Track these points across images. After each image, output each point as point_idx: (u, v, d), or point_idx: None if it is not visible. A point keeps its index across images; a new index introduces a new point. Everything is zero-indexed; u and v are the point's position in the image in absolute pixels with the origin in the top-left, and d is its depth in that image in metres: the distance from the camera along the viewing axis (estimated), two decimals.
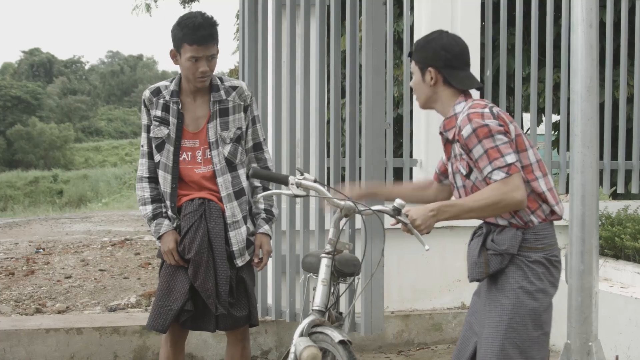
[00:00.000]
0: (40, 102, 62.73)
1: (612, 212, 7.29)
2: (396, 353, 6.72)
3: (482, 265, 3.73)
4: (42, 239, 11.96)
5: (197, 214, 4.43)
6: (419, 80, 3.79)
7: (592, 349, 4.75)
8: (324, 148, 6.18)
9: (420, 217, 3.54)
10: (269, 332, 6.36)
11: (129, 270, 8.99)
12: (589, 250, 4.65)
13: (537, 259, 3.72)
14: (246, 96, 4.53)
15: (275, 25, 6.33)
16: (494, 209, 3.58)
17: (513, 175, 3.55)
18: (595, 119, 4.52)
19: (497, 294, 3.72)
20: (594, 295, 4.80)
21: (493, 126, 3.58)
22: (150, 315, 4.51)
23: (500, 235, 3.72)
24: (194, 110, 4.49)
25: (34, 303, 7.30)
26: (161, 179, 4.49)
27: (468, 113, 3.62)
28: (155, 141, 4.48)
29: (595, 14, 4.54)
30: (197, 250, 4.38)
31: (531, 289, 3.70)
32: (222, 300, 4.41)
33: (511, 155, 3.57)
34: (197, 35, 4.30)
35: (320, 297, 3.84)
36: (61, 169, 50.73)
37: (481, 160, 3.58)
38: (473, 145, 3.58)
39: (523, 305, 3.68)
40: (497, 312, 3.69)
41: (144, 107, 4.54)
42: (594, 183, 4.61)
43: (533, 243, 3.73)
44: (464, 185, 3.77)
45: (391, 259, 6.72)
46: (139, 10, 20.53)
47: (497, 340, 3.66)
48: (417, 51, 3.79)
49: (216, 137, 4.45)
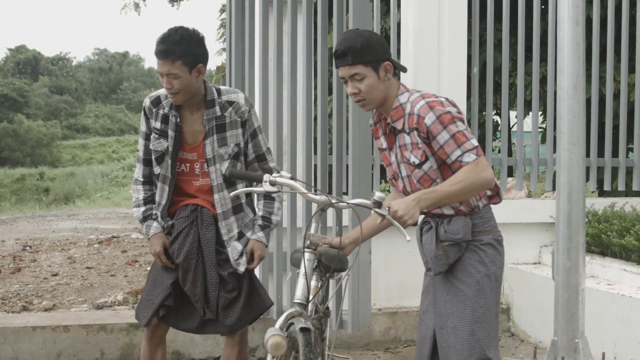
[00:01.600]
0: (26, 100, 62.51)
1: (599, 209, 7.31)
2: (383, 350, 6.72)
3: (442, 257, 3.79)
4: (28, 237, 11.93)
5: (189, 220, 4.43)
6: (375, 80, 3.73)
7: (579, 346, 4.77)
8: (311, 145, 6.17)
9: (401, 208, 3.53)
10: (256, 330, 6.35)
11: (116, 267, 8.97)
12: (575, 247, 4.66)
13: (488, 241, 3.83)
14: (243, 112, 4.45)
15: (262, 22, 6.31)
16: (470, 190, 3.63)
17: (481, 156, 3.64)
18: (582, 116, 4.54)
19: (456, 282, 3.79)
20: (580, 292, 4.82)
21: (454, 113, 3.66)
22: (138, 306, 4.58)
23: (450, 225, 3.79)
24: (191, 124, 4.44)
25: (20, 301, 7.28)
26: (159, 190, 4.49)
27: (428, 101, 3.67)
28: (156, 154, 4.45)
29: (581, 12, 4.55)
30: (185, 255, 4.39)
31: (487, 272, 3.80)
32: (211, 306, 4.43)
33: (474, 139, 3.67)
34: (157, 49, 4.25)
35: (300, 290, 3.85)
36: (48, 166, 50.52)
37: (447, 146, 3.62)
38: (438, 132, 3.62)
39: (483, 289, 3.78)
40: (461, 300, 3.77)
41: (143, 115, 4.50)
42: (581, 180, 4.63)
43: (481, 227, 3.83)
44: (409, 175, 3.81)
45: (378, 257, 6.72)
46: (128, 9, 20.48)
47: (466, 327, 3.74)
48: (363, 53, 3.70)
49: (213, 153, 4.41)
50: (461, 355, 3.73)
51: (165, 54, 4.20)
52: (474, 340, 3.72)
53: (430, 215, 3.87)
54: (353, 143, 5.77)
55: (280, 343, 3.55)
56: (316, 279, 3.97)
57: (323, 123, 6.09)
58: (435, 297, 3.89)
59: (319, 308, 4.04)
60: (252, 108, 4.53)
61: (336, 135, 6.03)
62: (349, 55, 3.69)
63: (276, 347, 3.55)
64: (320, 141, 6.11)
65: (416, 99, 3.72)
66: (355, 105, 5.72)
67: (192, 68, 4.25)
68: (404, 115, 3.74)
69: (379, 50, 3.72)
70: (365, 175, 5.78)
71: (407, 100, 3.75)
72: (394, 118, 3.78)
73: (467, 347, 3.72)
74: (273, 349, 3.54)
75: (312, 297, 3.90)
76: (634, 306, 5.69)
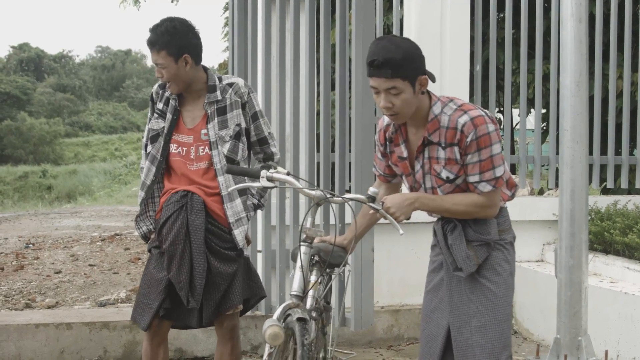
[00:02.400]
0: (29, 97, 62.51)
1: (602, 207, 7.30)
2: (386, 348, 6.72)
3: (473, 258, 3.76)
4: (31, 234, 11.93)
5: (178, 205, 4.43)
6: (411, 95, 3.55)
7: (582, 344, 4.76)
8: (313, 142, 6.17)
9: (395, 205, 3.58)
10: (259, 327, 6.35)
11: (119, 265, 8.97)
12: (578, 245, 4.66)
13: (510, 240, 3.87)
14: (243, 92, 4.51)
15: (265, 19, 6.31)
16: (468, 216, 3.71)
17: (497, 189, 3.66)
18: (585, 114, 4.53)
19: (484, 281, 3.79)
20: (583, 290, 4.82)
21: (493, 134, 3.59)
22: (134, 308, 4.57)
23: (478, 225, 3.77)
24: (192, 108, 4.51)
25: (23, 298, 7.28)
26: (146, 169, 4.55)
27: (472, 118, 3.56)
28: (152, 132, 4.52)
29: (584, 9, 4.55)
30: (171, 241, 4.38)
31: (511, 270, 3.84)
32: (196, 294, 4.39)
33: (501, 167, 3.64)
34: (149, 38, 4.37)
35: (297, 282, 3.89)
36: (50, 164, 50.52)
37: (472, 167, 3.62)
38: (471, 151, 3.59)
39: (509, 287, 3.82)
40: (490, 299, 3.76)
41: (150, 100, 4.61)
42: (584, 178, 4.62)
43: (503, 226, 3.84)
44: (434, 187, 3.77)
45: (381, 254, 6.72)
46: (127, 4, 20.44)
47: (497, 326, 3.75)
48: (403, 66, 3.49)
49: (216, 137, 4.45)
50: (492, 355, 3.72)
51: (151, 44, 4.36)
52: (504, 339, 3.75)
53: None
54: (356, 140, 5.76)
55: (277, 333, 3.59)
56: (316, 273, 4.04)
57: (326, 120, 6.09)
58: (452, 295, 3.86)
59: (318, 302, 4.06)
60: (253, 92, 4.59)
61: (339, 132, 6.03)
62: (388, 68, 3.48)
63: (274, 337, 3.59)
64: (323, 138, 6.11)
65: (456, 112, 3.60)
66: (357, 103, 5.72)
67: (178, 58, 4.35)
68: (440, 128, 3.63)
69: (419, 63, 3.56)
70: (367, 172, 5.77)
71: (441, 111, 3.63)
72: (430, 131, 3.65)
73: (498, 346, 3.73)
74: (271, 339, 3.59)
75: (310, 289, 3.93)
76: (637, 304, 5.68)
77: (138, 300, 4.53)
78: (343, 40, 6.01)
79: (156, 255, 4.51)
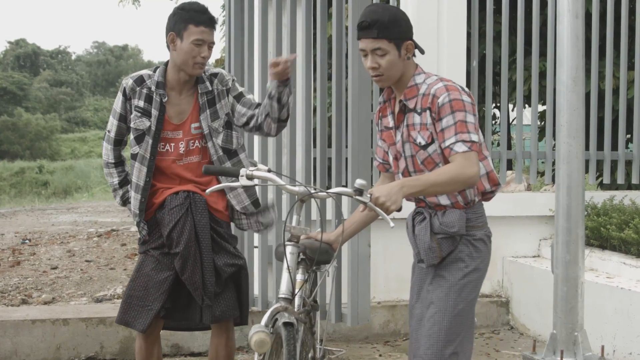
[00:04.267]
0: (26, 93, 62.43)
1: (598, 202, 7.31)
2: (383, 343, 6.73)
3: (436, 250, 3.76)
4: (28, 230, 11.92)
5: (184, 208, 4.42)
6: (396, 58, 3.67)
7: (578, 339, 4.78)
8: (310, 139, 6.17)
9: (383, 194, 3.48)
10: (255, 323, 6.34)
11: (115, 261, 8.97)
12: (574, 241, 4.67)
13: (480, 236, 3.81)
14: (227, 80, 4.54)
15: (262, 15, 6.31)
16: (454, 183, 3.57)
17: (473, 151, 3.59)
18: (581, 109, 4.54)
19: (443, 272, 3.78)
20: (579, 285, 4.83)
21: (468, 104, 3.63)
22: (124, 310, 4.52)
23: (445, 217, 3.76)
24: (178, 103, 4.48)
25: (20, 294, 7.27)
26: (136, 170, 4.49)
27: (446, 84, 3.65)
28: (136, 132, 4.47)
29: (581, 5, 4.55)
30: (185, 243, 4.38)
31: (476, 267, 3.78)
32: (208, 292, 4.43)
33: (476, 135, 3.62)
34: (205, 17, 4.36)
35: (285, 284, 3.80)
36: (47, 159, 50.45)
37: (448, 131, 3.59)
38: (445, 114, 3.60)
39: (469, 283, 3.76)
40: (444, 291, 3.75)
41: (122, 95, 4.52)
42: (580, 173, 4.63)
43: (475, 222, 3.80)
44: (413, 155, 3.77)
45: (377, 250, 6.72)
46: (126, 2, 20.45)
47: (447, 320, 3.71)
48: (389, 28, 3.64)
49: (209, 129, 4.45)
50: (434, 347, 3.69)
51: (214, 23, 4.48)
52: (452, 334, 3.69)
53: (424, 205, 3.84)
54: (352, 136, 5.76)
55: (264, 340, 3.50)
56: (302, 272, 3.93)
57: (322, 116, 6.09)
58: (420, 286, 3.89)
59: (306, 302, 4.01)
60: (235, 78, 4.62)
61: (335, 128, 6.03)
62: (375, 28, 3.63)
63: (260, 344, 3.51)
64: (320, 134, 6.11)
65: (434, 81, 3.70)
66: (354, 99, 5.72)
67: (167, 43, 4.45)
68: (418, 95, 3.70)
69: (405, 27, 3.68)
70: (365, 168, 5.77)
71: (423, 81, 3.73)
72: (408, 96, 3.74)
73: (442, 340, 3.69)
74: (257, 346, 3.51)
75: (298, 291, 3.86)
76: (633, 299, 5.69)
77: (130, 303, 4.49)
78: (340, 36, 6.01)
79: (156, 256, 4.50)
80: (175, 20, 4.39)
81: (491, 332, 7.04)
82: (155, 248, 4.51)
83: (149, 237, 4.54)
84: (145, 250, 4.56)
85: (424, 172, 3.74)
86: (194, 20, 4.33)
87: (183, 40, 4.35)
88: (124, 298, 4.55)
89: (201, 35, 4.33)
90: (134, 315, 4.48)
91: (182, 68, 4.41)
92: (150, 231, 4.53)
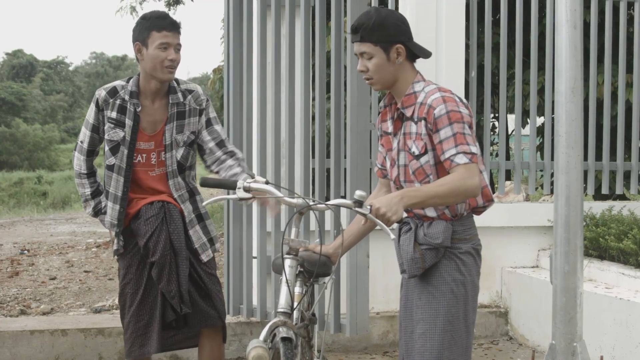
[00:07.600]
0: (24, 104, 62.44)
1: (597, 212, 7.31)
2: (381, 354, 6.72)
3: (419, 261, 3.72)
4: (26, 240, 11.93)
5: (159, 218, 4.49)
6: (383, 61, 3.68)
7: (577, 350, 4.77)
8: (309, 149, 6.17)
9: (384, 205, 3.46)
10: (254, 334, 6.34)
11: (114, 271, 8.96)
12: (573, 251, 4.66)
13: (467, 249, 3.76)
14: (202, 100, 4.59)
15: (260, 26, 6.32)
16: (455, 194, 3.56)
17: (474, 163, 3.58)
18: (580, 119, 4.54)
19: (430, 288, 3.73)
20: (578, 296, 4.82)
21: (465, 115, 3.63)
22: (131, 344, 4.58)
23: (430, 228, 3.72)
24: (152, 113, 4.53)
25: (18, 304, 7.27)
26: (113, 181, 4.54)
27: (443, 95, 3.64)
28: (110, 144, 4.53)
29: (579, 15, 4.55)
30: (161, 252, 4.44)
31: (463, 280, 3.73)
32: (185, 300, 4.49)
33: (475, 147, 3.62)
34: (166, 22, 4.42)
35: (284, 298, 3.76)
36: (46, 170, 50.45)
37: (447, 142, 3.58)
38: (442, 126, 3.59)
39: (457, 298, 3.71)
40: (433, 307, 3.71)
41: (95, 106, 4.55)
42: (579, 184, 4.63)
43: (462, 234, 3.75)
44: (406, 164, 3.76)
45: (376, 260, 6.71)
46: (124, 12, 20.47)
47: (436, 336, 3.68)
48: (373, 31, 3.65)
49: (171, 139, 4.51)
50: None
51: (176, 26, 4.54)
52: (443, 350, 3.67)
53: (411, 215, 3.81)
54: (351, 147, 5.77)
55: (262, 355, 3.47)
56: (300, 285, 3.89)
57: (321, 127, 6.09)
58: (407, 300, 3.87)
59: (304, 315, 3.98)
60: (209, 100, 4.65)
61: (334, 138, 6.03)
62: (360, 32, 3.68)
63: (258, 359, 3.50)
64: (318, 145, 6.11)
65: (432, 90, 3.68)
66: (353, 109, 5.73)
67: None
68: (415, 104, 3.70)
69: (392, 31, 3.68)
70: (363, 178, 5.78)
71: (421, 89, 3.72)
72: (405, 105, 3.73)
73: (435, 356, 3.67)
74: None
75: (297, 305, 3.84)
76: (632, 309, 5.69)
77: (134, 334, 4.56)
78: (338, 47, 6.02)
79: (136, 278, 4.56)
80: (138, 30, 4.47)
81: (490, 342, 7.04)
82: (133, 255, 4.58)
83: (124, 249, 4.59)
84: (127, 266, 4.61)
85: (413, 183, 3.73)
86: (156, 27, 4.40)
87: (148, 47, 4.42)
88: (125, 334, 4.62)
89: (165, 39, 4.40)
90: (141, 344, 4.55)
91: (153, 75, 4.44)
92: (125, 241, 4.57)
